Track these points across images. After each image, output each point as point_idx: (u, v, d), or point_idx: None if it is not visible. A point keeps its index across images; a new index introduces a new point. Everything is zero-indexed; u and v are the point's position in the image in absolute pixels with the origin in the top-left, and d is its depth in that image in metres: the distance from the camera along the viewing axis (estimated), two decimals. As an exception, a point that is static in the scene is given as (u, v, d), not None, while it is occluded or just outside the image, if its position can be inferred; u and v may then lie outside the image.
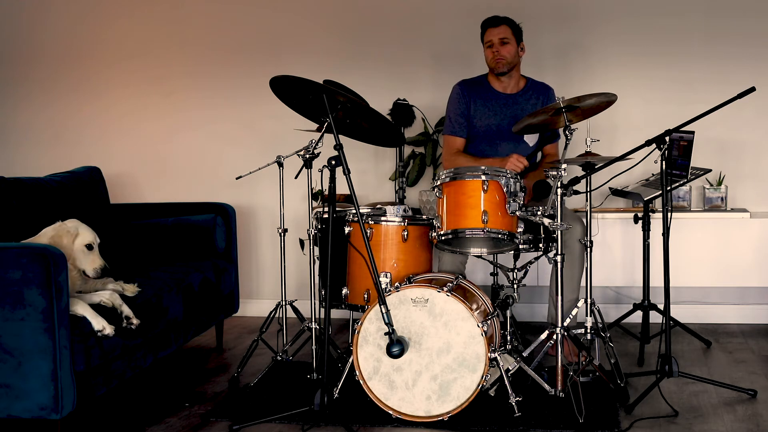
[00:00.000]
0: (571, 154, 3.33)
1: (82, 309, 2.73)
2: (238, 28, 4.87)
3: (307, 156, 3.30)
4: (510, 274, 3.40)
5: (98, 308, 2.82)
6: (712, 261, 4.27)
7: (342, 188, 3.50)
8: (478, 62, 3.96)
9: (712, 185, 4.36)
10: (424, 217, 3.42)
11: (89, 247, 2.98)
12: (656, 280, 3.76)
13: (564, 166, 3.05)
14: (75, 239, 2.96)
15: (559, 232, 3.10)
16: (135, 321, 2.92)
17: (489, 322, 3.06)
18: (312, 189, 3.46)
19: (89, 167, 4.11)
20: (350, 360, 3.02)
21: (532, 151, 3.86)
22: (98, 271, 2.97)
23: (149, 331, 3.13)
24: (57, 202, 3.49)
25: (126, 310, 2.93)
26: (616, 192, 4.04)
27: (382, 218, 3.30)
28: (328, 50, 4.78)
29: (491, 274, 3.73)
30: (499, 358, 2.99)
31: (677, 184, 3.91)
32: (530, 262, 3.46)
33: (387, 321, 2.81)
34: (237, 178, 3.93)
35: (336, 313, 4.53)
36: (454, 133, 3.89)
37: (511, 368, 3.04)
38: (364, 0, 4.75)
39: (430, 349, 2.93)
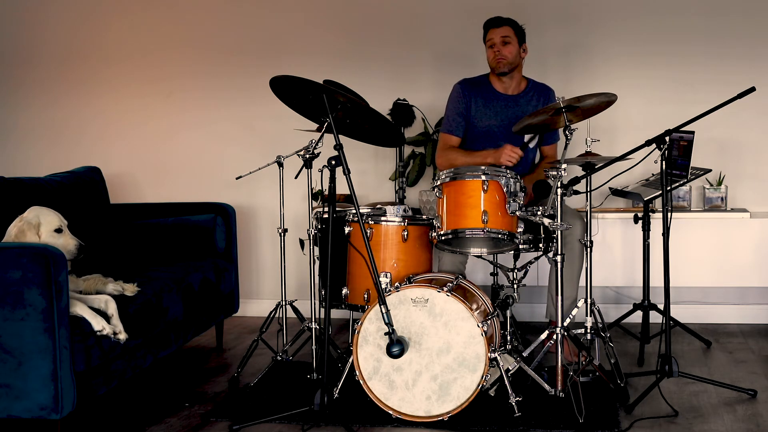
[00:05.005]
0: (571, 154, 3.33)
1: (80, 309, 2.73)
2: (238, 28, 4.87)
3: (307, 156, 3.30)
4: (510, 274, 3.40)
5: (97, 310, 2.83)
6: (712, 261, 4.26)
7: (342, 188, 3.49)
8: (479, 62, 3.96)
9: (712, 185, 4.36)
10: (424, 217, 3.42)
11: (58, 230, 2.93)
12: (656, 280, 3.76)
13: (564, 166, 3.05)
14: (39, 229, 2.90)
15: (559, 232, 3.10)
16: (122, 336, 2.83)
17: (489, 322, 3.06)
18: (312, 189, 3.46)
19: (89, 167, 4.11)
20: (350, 360, 3.03)
21: (531, 151, 3.86)
22: (74, 252, 2.93)
23: (149, 331, 3.13)
24: (57, 202, 3.49)
25: (116, 323, 2.84)
26: (616, 192, 4.04)
27: (382, 218, 3.30)
28: (328, 50, 4.78)
29: (491, 274, 3.73)
30: (499, 358, 2.99)
31: (677, 184, 3.91)
32: (530, 262, 3.46)
33: (387, 321, 2.81)
34: (237, 178, 3.94)
35: (336, 313, 4.53)
36: (450, 131, 3.88)
37: (511, 368, 3.04)
38: (364, 0, 4.75)
39: (430, 349, 2.93)
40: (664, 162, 3.06)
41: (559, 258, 3.10)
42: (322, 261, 3.40)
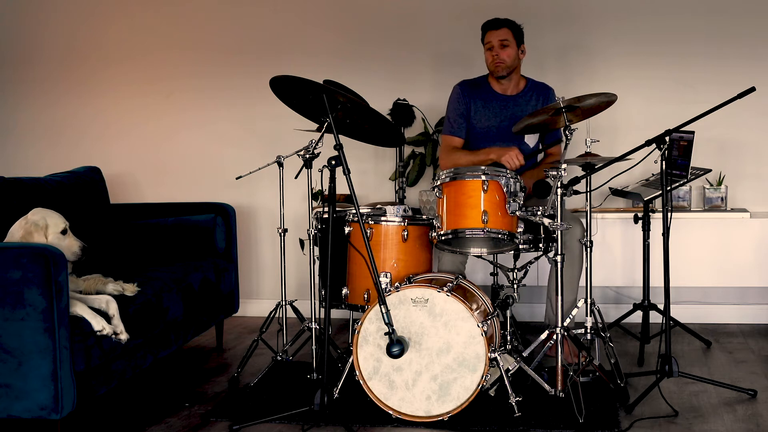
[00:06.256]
0: (571, 154, 3.33)
1: (80, 309, 2.73)
2: (238, 29, 4.87)
3: (307, 156, 3.30)
4: (510, 274, 3.40)
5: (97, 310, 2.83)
6: (712, 261, 4.26)
7: (342, 188, 3.50)
8: (478, 62, 3.96)
9: (712, 185, 4.35)
10: (424, 217, 3.42)
11: (63, 232, 2.95)
12: (656, 280, 3.76)
13: (564, 166, 3.05)
14: (47, 230, 2.91)
15: (559, 232, 3.10)
16: (123, 337, 2.84)
17: (489, 322, 3.06)
18: (312, 189, 3.46)
19: (89, 167, 4.11)
20: (350, 360, 3.03)
21: (532, 152, 3.86)
22: (78, 253, 2.95)
23: (149, 331, 3.13)
24: (57, 202, 3.49)
25: (117, 324, 2.84)
26: (616, 192, 4.04)
27: (382, 218, 3.30)
28: (328, 50, 4.78)
29: (491, 274, 3.73)
30: (499, 358, 2.99)
31: (677, 184, 3.91)
32: (530, 262, 3.46)
33: (387, 321, 2.81)
34: (237, 178, 3.94)
35: (336, 313, 4.53)
36: (453, 133, 3.88)
37: (511, 368, 3.04)
38: (364, 0, 4.75)
39: (430, 349, 2.93)
40: (664, 162, 3.06)
41: (559, 258, 3.10)
42: (322, 261, 3.40)
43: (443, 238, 3.18)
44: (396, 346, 2.81)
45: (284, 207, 3.64)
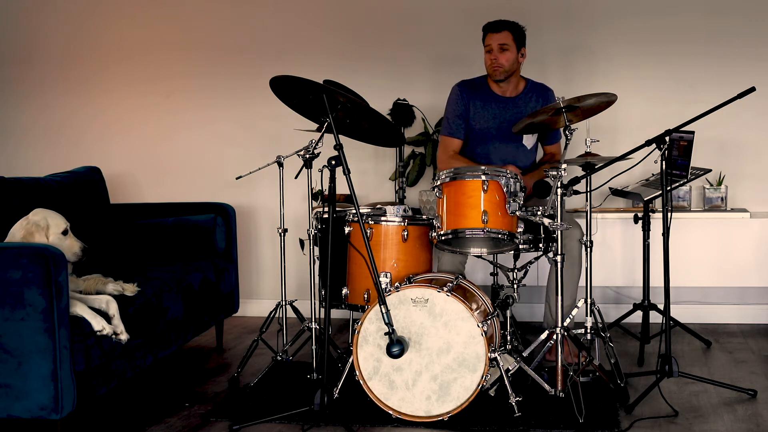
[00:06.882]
0: (571, 154, 3.33)
1: (80, 309, 2.73)
2: (238, 29, 4.87)
3: (307, 156, 3.30)
4: (510, 274, 3.40)
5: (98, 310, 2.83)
6: (712, 261, 4.26)
7: (342, 188, 3.50)
8: (478, 63, 3.96)
9: (712, 185, 4.36)
10: (424, 217, 3.42)
11: (64, 233, 2.96)
12: (656, 280, 3.76)
13: (564, 166, 3.05)
14: (48, 231, 2.92)
15: (559, 232, 3.10)
16: (123, 337, 2.84)
17: (489, 322, 3.06)
18: (312, 189, 3.47)
19: (89, 167, 4.11)
20: (350, 360, 3.03)
21: (530, 156, 3.86)
22: (79, 254, 2.95)
23: (149, 331, 3.13)
24: (57, 202, 3.49)
25: (117, 324, 2.85)
26: (616, 192, 4.04)
27: (382, 218, 3.30)
28: (328, 50, 4.78)
29: (491, 274, 3.73)
30: (499, 358, 2.99)
31: (677, 184, 3.91)
32: (530, 262, 3.46)
33: (387, 321, 2.81)
34: (237, 178, 3.94)
35: (336, 313, 4.53)
36: (452, 134, 3.87)
37: (511, 368, 3.04)
38: (364, 0, 4.75)
39: (430, 349, 2.93)
40: (664, 162, 3.06)
41: (559, 258, 3.10)
42: (322, 261, 3.40)
43: (443, 238, 3.18)
44: (396, 346, 2.81)
45: (284, 207, 3.64)
